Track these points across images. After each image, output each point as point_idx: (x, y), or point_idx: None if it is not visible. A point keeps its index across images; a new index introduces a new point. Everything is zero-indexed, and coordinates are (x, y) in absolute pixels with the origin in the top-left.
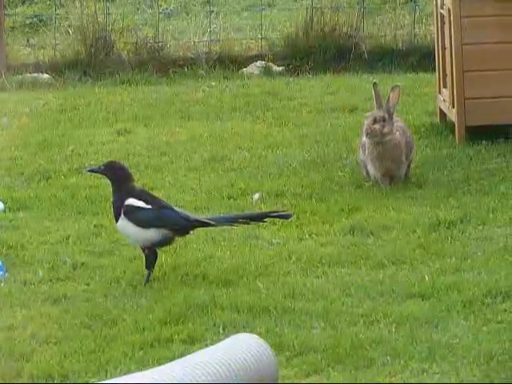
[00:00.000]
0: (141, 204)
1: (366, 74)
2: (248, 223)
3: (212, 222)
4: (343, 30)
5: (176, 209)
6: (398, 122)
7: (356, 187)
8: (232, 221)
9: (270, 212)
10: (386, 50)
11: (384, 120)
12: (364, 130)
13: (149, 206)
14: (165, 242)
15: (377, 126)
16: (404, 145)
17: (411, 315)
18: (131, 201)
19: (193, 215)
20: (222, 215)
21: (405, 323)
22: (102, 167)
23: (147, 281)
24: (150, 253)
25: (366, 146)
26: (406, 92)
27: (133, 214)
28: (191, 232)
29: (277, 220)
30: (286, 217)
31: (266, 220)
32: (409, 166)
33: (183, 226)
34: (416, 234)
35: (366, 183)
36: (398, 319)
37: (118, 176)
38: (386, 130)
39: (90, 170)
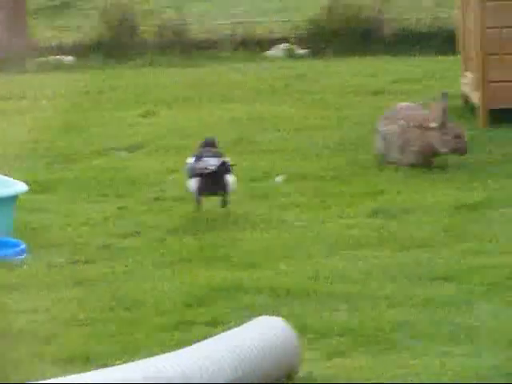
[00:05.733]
0: (189, 160)
1: (388, 56)
2: None
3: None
4: (366, 14)
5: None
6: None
7: (379, 170)
8: None
9: None
10: (408, 33)
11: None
12: (457, 147)
13: (191, 160)
14: (205, 188)
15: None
16: None
17: (434, 298)
18: (188, 159)
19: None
20: None
21: (428, 306)
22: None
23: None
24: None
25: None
26: (429, 75)
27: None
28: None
29: (300, 202)
30: None
31: None
32: None
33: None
34: (439, 216)
35: (388, 166)
36: (422, 302)
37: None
38: None
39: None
